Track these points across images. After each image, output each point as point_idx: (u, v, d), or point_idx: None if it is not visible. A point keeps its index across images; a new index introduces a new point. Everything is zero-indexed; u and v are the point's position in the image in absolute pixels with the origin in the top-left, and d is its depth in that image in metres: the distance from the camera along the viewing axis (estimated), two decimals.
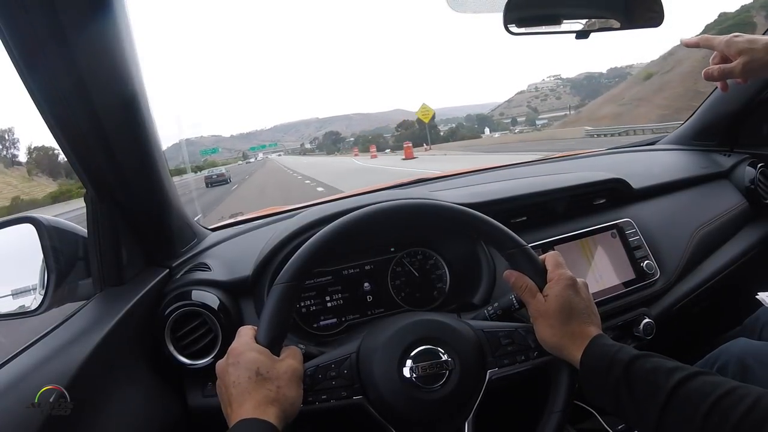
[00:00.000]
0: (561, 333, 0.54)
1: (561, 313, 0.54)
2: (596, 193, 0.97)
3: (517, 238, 0.60)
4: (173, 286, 0.70)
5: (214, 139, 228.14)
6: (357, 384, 0.54)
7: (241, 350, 0.50)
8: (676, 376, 0.45)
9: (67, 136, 0.56)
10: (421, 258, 0.87)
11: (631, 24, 0.82)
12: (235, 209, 5.70)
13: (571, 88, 74.12)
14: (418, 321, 0.58)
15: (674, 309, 0.92)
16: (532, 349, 0.58)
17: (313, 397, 0.53)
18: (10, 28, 0.45)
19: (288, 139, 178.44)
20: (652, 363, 0.48)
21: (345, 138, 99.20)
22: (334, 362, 0.55)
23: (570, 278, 0.57)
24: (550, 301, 0.55)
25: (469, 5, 0.82)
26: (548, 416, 0.55)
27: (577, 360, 0.53)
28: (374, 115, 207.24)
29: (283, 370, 0.50)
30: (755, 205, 1.12)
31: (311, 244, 0.56)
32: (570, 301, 0.55)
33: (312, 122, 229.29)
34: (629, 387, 0.47)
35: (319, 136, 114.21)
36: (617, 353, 0.50)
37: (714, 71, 0.75)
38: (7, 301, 0.65)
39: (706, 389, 0.43)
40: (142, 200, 0.68)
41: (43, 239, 0.63)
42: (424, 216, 0.61)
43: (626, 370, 0.48)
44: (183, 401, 0.68)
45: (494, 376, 0.56)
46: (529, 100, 74.13)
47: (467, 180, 1.12)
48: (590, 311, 0.56)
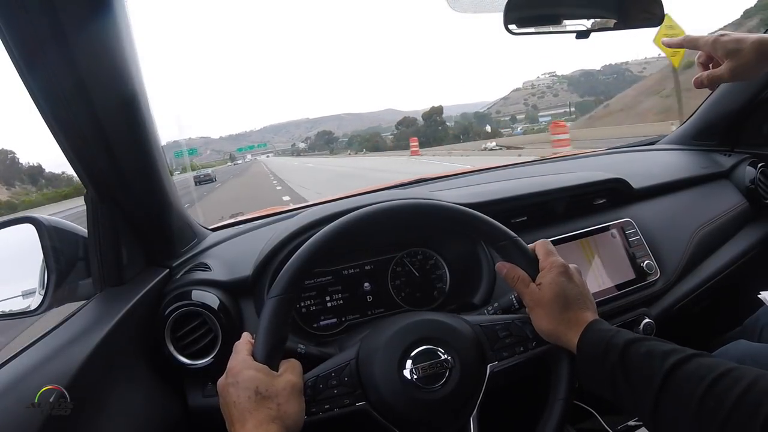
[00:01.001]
0: (557, 320, 0.54)
1: (556, 301, 0.54)
2: (596, 193, 0.97)
3: (507, 230, 0.60)
4: (173, 286, 0.70)
5: (202, 141, 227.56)
6: (359, 390, 0.54)
7: (239, 369, 0.50)
8: (671, 359, 0.44)
9: (68, 136, 0.56)
10: (421, 258, 0.87)
11: (630, 24, 0.82)
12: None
13: (569, 85, 73.00)
14: (414, 322, 0.58)
15: (674, 309, 0.92)
16: (530, 340, 0.58)
17: (317, 408, 0.52)
18: (10, 28, 0.45)
19: (278, 140, 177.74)
20: (647, 347, 0.47)
21: (338, 138, 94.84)
22: (334, 370, 0.55)
23: (562, 265, 0.57)
24: (544, 289, 0.55)
25: (470, 5, 0.82)
26: (552, 404, 0.56)
27: (574, 346, 0.53)
28: (365, 115, 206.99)
29: (281, 386, 0.49)
30: (755, 205, 1.12)
31: (299, 257, 0.55)
32: (564, 288, 0.55)
33: (302, 123, 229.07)
34: (625, 372, 0.47)
35: (311, 136, 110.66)
36: (612, 338, 0.50)
37: (704, 79, 0.70)
38: (7, 302, 0.65)
39: (701, 372, 0.42)
40: (142, 200, 0.68)
41: (43, 239, 0.63)
42: (413, 216, 0.61)
43: (621, 356, 0.48)
44: (183, 401, 0.68)
45: (495, 370, 0.57)
46: (525, 97, 72.78)
47: (467, 180, 1.12)
48: (585, 296, 0.56)
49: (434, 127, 51.68)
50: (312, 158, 62.88)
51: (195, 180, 26.43)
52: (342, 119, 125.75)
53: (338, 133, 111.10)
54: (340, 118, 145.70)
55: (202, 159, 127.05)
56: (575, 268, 0.59)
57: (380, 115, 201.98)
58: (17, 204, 42.46)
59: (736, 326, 0.93)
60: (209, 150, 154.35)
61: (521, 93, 70.12)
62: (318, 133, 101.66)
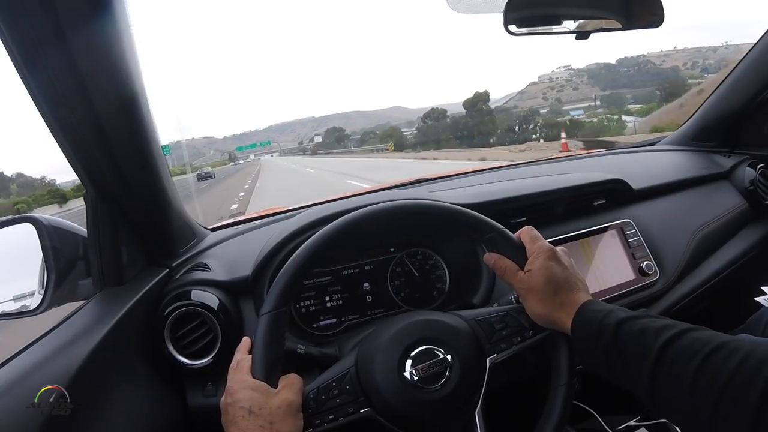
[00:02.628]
0: (551, 305, 0.54)
1: (547, 285, 0.54)
2: (596, 194, 0.97)
3: (492, 222, 0.60)
4: (173, 286, 0.70)
5: (206, 141, 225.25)
6: (361, 397, 0.54)
7: (236, 388, 0.50)
8: (664, 335, 0.44)
9: (67, 136, 0.56)
10: (421, 258, 0.87)
11: (631, 24, 0.83)
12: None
13: (589, 78, 69.12)
14: (410, 323, 0.58)
15: (674, 310, 0.93)
16: (527, 329, 0.58)
17: (321, 419, 0.52)
18: (10, 28, 0.45)
19: (284, 138, 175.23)
20: (640, 324, 0.47)
21: (348, 135, 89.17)
22: (335, 380, 0.55)
23: (549, 249, 0.57)
24: (534, 275, 0.55)
25: (469, 5, 0.82)
26: (554, 391, 0.56)
27: (569, 328, 0.53)
28: (372, 113, 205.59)
29: (276, 405, 0.49)
30: (755, 205, 1.12)
31: (289, 267, 0.55)
32: (553, 271, 0.55)
33: (308, 121, 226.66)
34: (619, 351, 0.47)
35: (322, 132, 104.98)
36: (605, 318, 0.49)
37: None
38: (7, 302, 0.65)
39: (695, 346, 0.42)
40: (142, 200, 0.68)
41: (43, 239, 0.63)
42: (399, 217, 0.61)
43: (614, 335, 0.47)
44: (183, 401, 0.68)
45: (495, 362, 0.57)
46: (544, 91, 69.09)
47: (467, 180, 1.12)
48: (575, 278, 0.56)
49: (479, 117, 37.16)
50: (327, 158, 45.37)
51: (198, 176, 34.27)
52: (349, 117, 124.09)
53: (347, 130, 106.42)
54: (347, 116, 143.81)
55: (206, 160, 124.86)
56: (562, 250, 0.59)
57: (387, 112, 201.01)
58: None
59: (735, 327, 0.93)
60: (212, 150, 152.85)
61: (538, 87, 67.34)
62: (327, 129, 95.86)
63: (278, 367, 0.53)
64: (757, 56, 1.09)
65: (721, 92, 1.19)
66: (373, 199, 0.76)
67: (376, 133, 67.30)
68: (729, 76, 1.17)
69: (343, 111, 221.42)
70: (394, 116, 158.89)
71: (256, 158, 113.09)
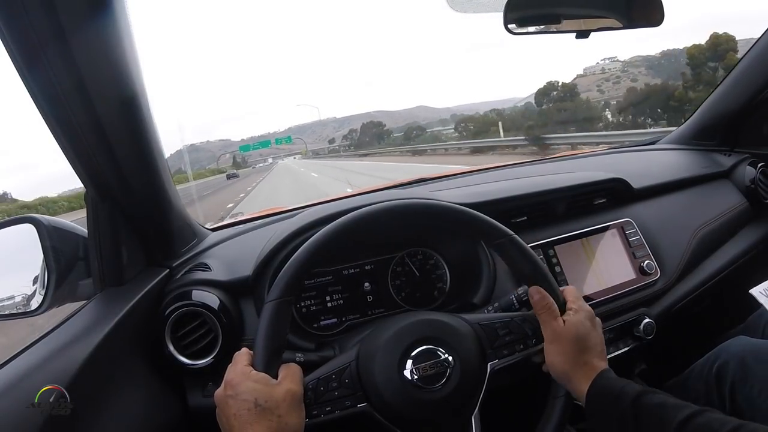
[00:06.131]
0: (573, 361, 0.55)
1: (576, 342, 0.55)
2: (596, 193, 0.97)
3: (503, 227, 0.60)
4: (173, 286, 0.70)
5: (221, 144, 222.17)
6: (360, 392, 0.54)
7: (238, 380, 0.50)
8: (684, 411, 0.46)
9: (68, 136, 0.56)
10: (422, 258, 0.87)
11: (631, 23, 0.82)
12: None
13: (647, 69, 63.73)
14: (413, 322, 0.58)
15: (674, 309, 0.92)
16: (530, 337, 0.58)
17: (318, 410, 0.52)
18: (10, 28, 0.45)
19: (305, 140, 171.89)
20: (660, 398, 0.49)
21: (391, 131, 78.73)
22: (335, 372, 0.55)
23: (590, 311, 0.59)
24: (569, 327, 0.56)
25: (470, 5, 0.82)
26: (552, 402, 0.56)
27: (582, 391, 0.53)
28: (397, 113, 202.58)
29: (281, 396, 0.49)
30: (756, 204, 1.12)
31: (296, 259, 0.55)
32: (588, 332, 0.56)
33: (329, 122, 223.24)
34: (636, 420, 0.48)
35: (357, 129, 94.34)
36: (624, 387, 0.51)
37: None
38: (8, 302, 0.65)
39: (713, 425, 0.44)
40: (142, 200, 0.68)
41: (43, 239, 0.63)
42: (410, 216, 0.61)
43: (634, 404, 0.49)
44: (183, 401, 0.68)
45: (495, 368, 0.57)
46: (598, 83, 63.69)
47: (467, 180, 1.12)
48: (602, 347, 0.58)
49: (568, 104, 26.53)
50: (387, 161, 23.11)
51: (227, 176, 45.11)
52: (372, 117, 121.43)
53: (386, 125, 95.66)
54: (370, 116, 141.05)
55: (220, 163, 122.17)
56: (599, 320, 0.60)
57: (412, 111, 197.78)
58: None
59: (736, 326, 0.93)
60: (228, 153, 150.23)
61: (589, 79, 63.10)
62: (363, 125, 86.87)
63: (279, 357, 0.53)
64: (758, 55, 1.09)
65: (721, 91, 1.19)
66: (373, 199, 0.76)
67: (433, 132, 52.10)
68: (729, 75, 1.17)
69: (365, 111, 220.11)
70: (420, 115, 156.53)
71: (271, 162, 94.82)
